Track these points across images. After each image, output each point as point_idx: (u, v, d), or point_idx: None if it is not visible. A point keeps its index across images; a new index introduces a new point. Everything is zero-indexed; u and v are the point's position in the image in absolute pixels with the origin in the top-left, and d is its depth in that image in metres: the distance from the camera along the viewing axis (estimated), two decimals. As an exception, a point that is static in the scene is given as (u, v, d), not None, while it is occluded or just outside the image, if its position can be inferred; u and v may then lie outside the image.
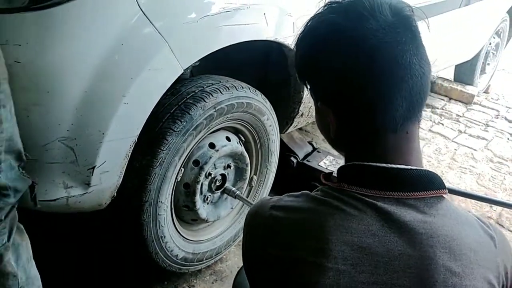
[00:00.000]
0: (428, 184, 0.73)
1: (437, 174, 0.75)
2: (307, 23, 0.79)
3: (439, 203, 0.73)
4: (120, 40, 1.17)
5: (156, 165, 1.38)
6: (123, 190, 1.39)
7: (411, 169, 0.73)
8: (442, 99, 4.33)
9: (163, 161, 1.40)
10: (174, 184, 1.54)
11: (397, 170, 0.72)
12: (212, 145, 1.62)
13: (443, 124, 3.79)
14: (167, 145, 1.38)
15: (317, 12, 0.78)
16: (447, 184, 0.93)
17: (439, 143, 3.44)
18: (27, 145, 1.17)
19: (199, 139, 1.56)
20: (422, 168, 0.74)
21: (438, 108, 4.09)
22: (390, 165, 0.72)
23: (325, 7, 0.77)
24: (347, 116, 0.76)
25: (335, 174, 0.79)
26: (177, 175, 1.53)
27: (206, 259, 1.81)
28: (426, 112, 3.97)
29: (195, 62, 1.40)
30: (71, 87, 1.14)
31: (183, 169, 1.56)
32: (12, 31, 1.10)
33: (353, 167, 0.76)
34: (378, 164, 0.73)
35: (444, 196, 0.74)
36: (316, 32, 0.77)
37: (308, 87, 0.83)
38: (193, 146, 1.55)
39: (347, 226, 0.69)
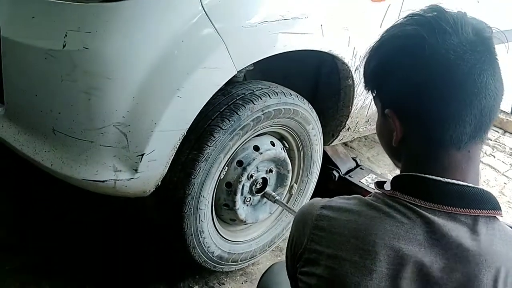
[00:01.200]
0: (482, 203, 0.72)
1: (493, 196, 0.75)
2: (387, 31, 0.81)
3: (491, 224, 0.73)
4: (180, 36, 1.23)
5: (202, 160, 1.43)
6: (168, 182, 1.45)
7: (467, 186, 0.73)
8: (497, 131, 4.19)
9: (209, 157, 1.45)
10: (217, 182, 1.59)
11: (452, 185, 0.73)
12: (256, 148, 1.66)
13: (494, 156, 3.66)
14: (214, 142, 1.43)
15: (398, 22, 0.80)
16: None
17: (488, 175, 3.33)
18: (84, 127, 1.26)
19: (245, 140, 1.60)
20: (478, 187, 0.74)
21: (491, 140, 3.96)
22: (446, 179, 0.73)
23: (407, 18, 0.78)
24: (414, 126, 0.77)
25: (388, 184, 0.81)
26: (220, 173, 1.57)
27: (240, 261, 1.84)
28: (478, 142, 3.85)
29: (249, 66, 1.45)
30: (131, 76, 1.22)
31: (226, 168, 1.60)
32: (84, 19, 1.19)
33: (409, 177, 0.77)
34: (434, 177, 0.73)
35: (497, 217, 0.74)
36: (396, 40, 0.78)
37: (375, 93, 0.84)
38: (238, 146, 1.59)
39: (395, 232, 0.71)
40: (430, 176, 0.74)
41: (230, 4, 1.33)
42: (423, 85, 0.73)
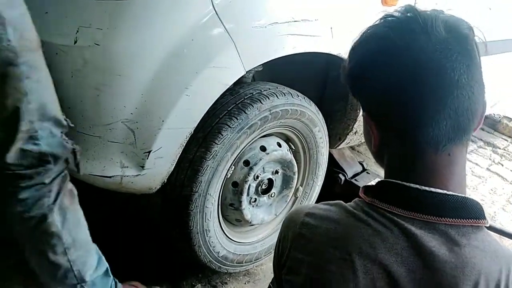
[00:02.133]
0: (464, 212, 0.70)
1: (479, 204, 0.73)
2: (362, 33, 0.80)
3: (474, 233, 0.70)
4: (190, 35, 1.24)
5: (209, 157, 1.44)
6: (175, 180, 1.47)
7: (445, 194, 0.71)
8: (506, 140, 4.17)
9: (216, 155, 1.46)
10: (223, 180, 1.59)
11: (431, 193, 0.71)
12: (263, 148, 1.66)
13: (502, 165, 3.64)
14: (222, 140, 1.44)
15: (372, 24, 0.79)
16: (498, 226, 0.91)
17: (496, 183, 3.31)
18: (93, 122, 1.27)
19: (252, 139, 1.61)
20: (460, 195, 0.71)
21: (499, 148, 3.94)
22: (423, 188, 0.71)
23: (381, 20, 0.77)
24: (389, 130, 0.76)
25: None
26: (227, 171, 1.58)
27: (245, 262, 1.84)
28: (486, 150, 3.84)
29: (258, 67, 1.45)
30: (141, 73, 1.22)
31: (233, 167, 1.61)
32: (96, 16, 1.19)
33: (388, 184, 0.76)
34: (412, 185, 0.72)
35: (482, 226, 0.71)
36: (367, 43, 0.78)
37: (356, 96, 0.84)
38: (245, 145, 1.60)
39: (372, 241, 0.70)
40: (408, 184, 0.72)
41: (241, 4, 1.33)
42: (392, 87, 0.72)
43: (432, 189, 0.71)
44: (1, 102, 1.06)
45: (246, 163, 1.63)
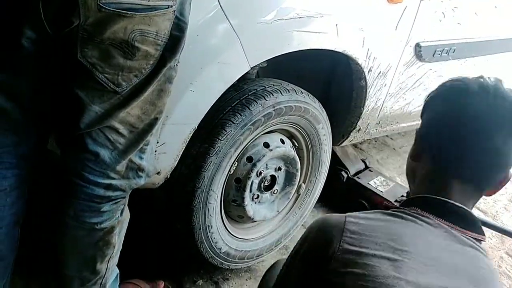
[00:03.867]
0: (474, 227, 0.86)
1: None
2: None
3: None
4: (196, 31, 1.23)
5: (212, 153, 1.44)
6: (178, 175, 1.47)
7: (465, 209, 0.87)
8: None
9: (220, 151, 1.46)
10: (226, 176, 1.59)
11: (458, 208, 0.86)
12: (266, 145, 1.66)
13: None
14: (225, 136, 1.44)
15: (450, 79, 0.96)
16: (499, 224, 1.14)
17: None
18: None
19: (255, 136, 1.61)
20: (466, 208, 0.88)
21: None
22: (456, 203, 0.86)
23: (461, 78, 0.94)
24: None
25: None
26: (230, 168, 1.58)
27: (247, 259, 1.84)
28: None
29: (262, 63, 1.45)
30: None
31: (236, 163, 1.61)
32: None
33: (424, 198, 0.89)
34: (446, 199, 0.87)
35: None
36: (442, 87, 0.97)
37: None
38: (249, 142, 1.60)
39: (424, 236, 0.81)
40: (442, 198, 0.87)
41: (246, 0, 1.33)
42: (444, 125, 0.91)
43: (461, 206, 0.87)
44: (149, 113, 1.09)
45: (249, 159, 1.63)
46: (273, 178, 1.77)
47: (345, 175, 2.36)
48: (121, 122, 1.05)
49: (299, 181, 1.90)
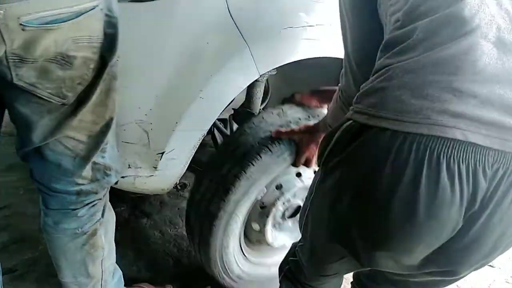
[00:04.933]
0: None
1: None
2: None
3: None
4: (206, 38, 1.25)
5: (243, 178, 1.42)
6: (204, 194, 1.47)
7: None
8: None
9: (251, 176, 1.43)
10: (253, 202, 1.54)
11: None
12: (298, 174, 1.60)
13: None
14: (259, 162, 1.42)
15: None
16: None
17: None
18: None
19: (288, 165, 1.54)
20: None
21: None
22: None
23: None
24: None
25: None
26: (258, 194, 1.53)
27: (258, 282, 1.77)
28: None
29: (271, 70, 1.45)
30: (157, 74, 1.24)
31: (265, 189, 1.55)
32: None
33: None
34: None
35: None
36: None
37: None
38: (281, 170, 1.54)
39: None
40: None
41: (256, 8, 1.34)
42: None
43: None
44: (102, 115, 1.07)
45: (278, 186, 1.57)
46: (298, 207, 1.65)
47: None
48: (75, 129, 1.03)
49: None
